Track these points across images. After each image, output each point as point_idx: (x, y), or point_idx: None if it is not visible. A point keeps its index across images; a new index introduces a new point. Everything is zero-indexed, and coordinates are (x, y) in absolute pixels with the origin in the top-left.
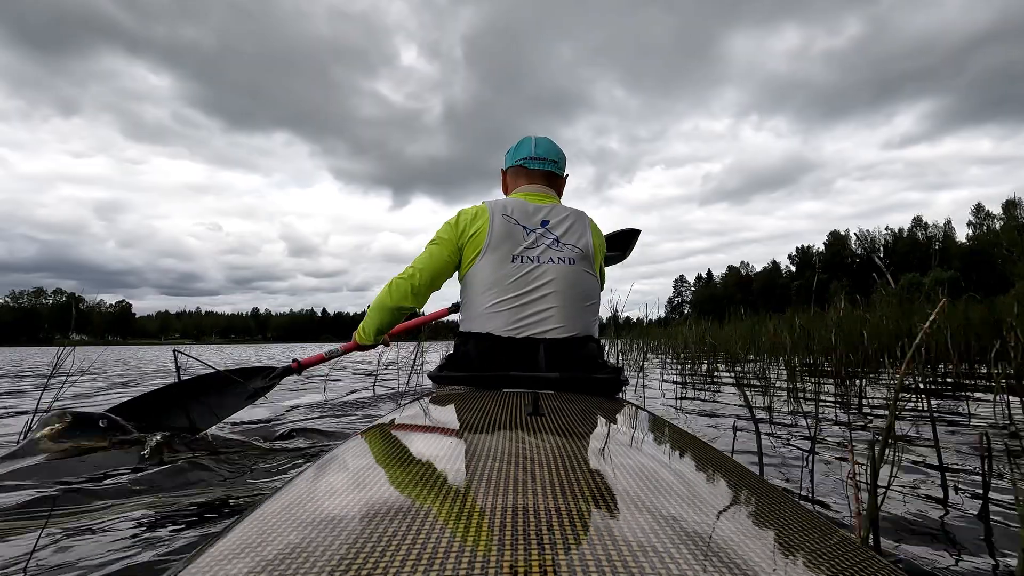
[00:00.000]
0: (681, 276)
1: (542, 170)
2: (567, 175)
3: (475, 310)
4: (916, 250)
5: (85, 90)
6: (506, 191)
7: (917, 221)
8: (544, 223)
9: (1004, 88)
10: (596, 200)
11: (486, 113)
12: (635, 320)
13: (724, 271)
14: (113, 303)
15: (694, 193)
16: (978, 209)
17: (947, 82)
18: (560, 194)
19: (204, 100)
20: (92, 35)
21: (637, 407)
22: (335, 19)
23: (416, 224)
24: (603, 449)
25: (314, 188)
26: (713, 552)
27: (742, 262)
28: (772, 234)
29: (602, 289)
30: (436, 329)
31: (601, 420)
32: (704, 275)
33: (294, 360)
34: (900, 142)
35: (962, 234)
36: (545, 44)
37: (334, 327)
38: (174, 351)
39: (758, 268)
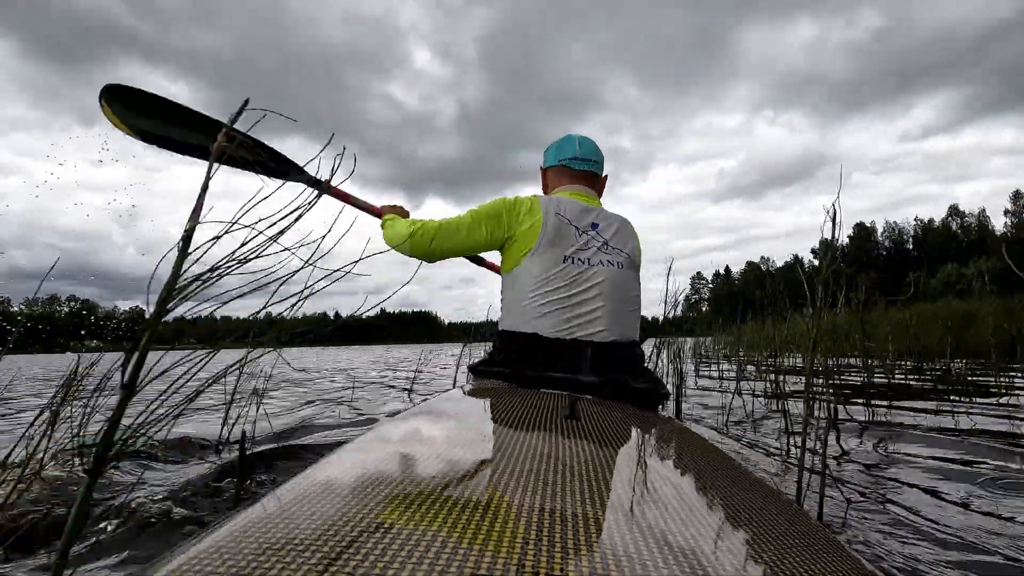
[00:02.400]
0: (698, 273)
1: (585, 171)
2: (606, 175)
3: (521, 309)
4: (951, 240)
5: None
6: (546, 190)
7: (953, 210)
8: (595, 225)
9: None
10: (610, 199)
11: (499, 114)
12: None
13: (742, 267)
14: (126, 309)
15: (707, 190)
16: (1016, 196)
17: (967, 72)
18: (600, 195)
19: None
20: (111, 46)
21: (677, 422)
22: (349, 23)
23: None
24: (637, 461)
25: None
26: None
27: (762, 257)
28: (786, 230)
29: None
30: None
31: (639, 431)
32: (722, 271)
33: (327, 181)
34: (919, 134)
35: (999, 223)
36: (559, 43)
37: (347, 330)
38: None
39: (779, 263)
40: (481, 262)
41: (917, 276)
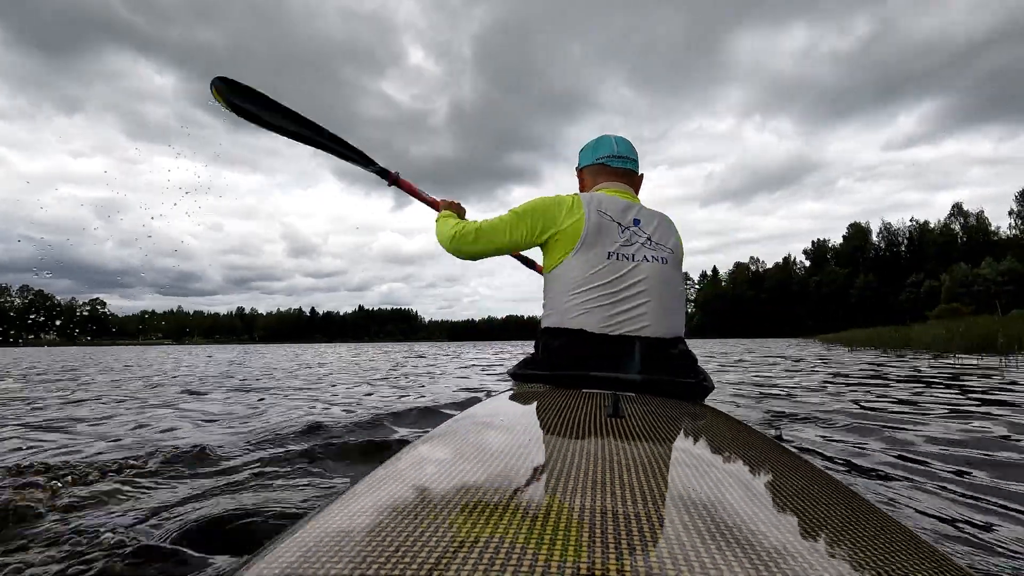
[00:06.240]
0: (685, 273)
1: (624, 168)
2: (642, 174)
3: (565, 306)
4: (952, 242)
5: (89, 89)
6: (584, 190)
7: (957, 209)
8: (636, 221)
9: (1006, 88)
10: None
11: (493, 113)
12: None
13: (731, 268)
14: (85, 301)
15: (696, 193)
16: (1023, 196)
17: (950, 84)
18: (637, 192)
19: (208, 99)
20: (100, 36)
21: (722, 414)
22: (345, 19)
23: (417, 224)
24: (684, 455)
25: (316, 188)
26: (796, 570)
27: (751, 258)
28: (772, 234)
29: None
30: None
31: (684, 425)
32: (709, 272)
33: (396, 172)
34: (902, 143)
35: (1004, 224)
36: (554, 43)
37: (325, 327)
38: None
39: (769, 264)
40: (524, 260)
41: (922, 278)
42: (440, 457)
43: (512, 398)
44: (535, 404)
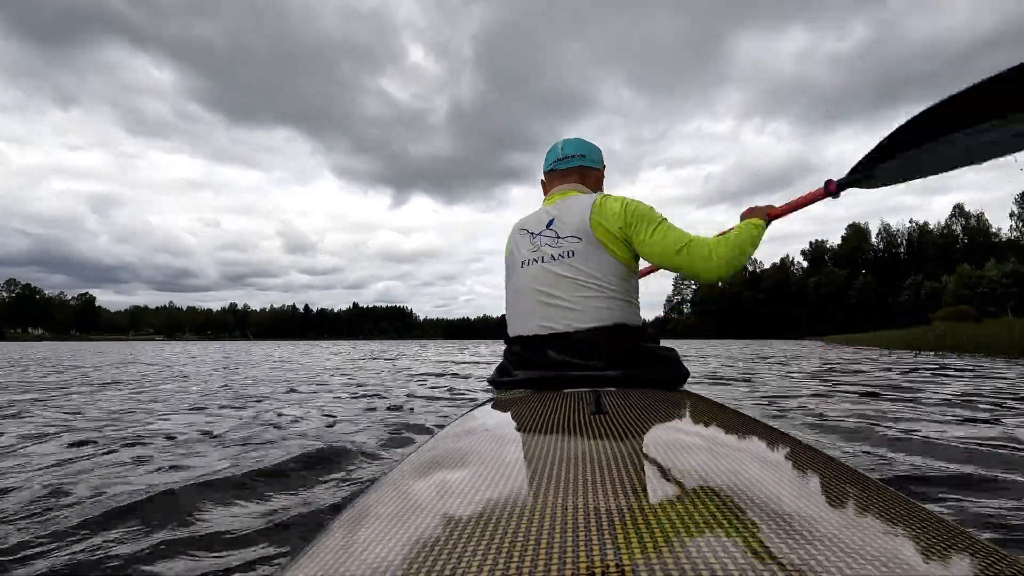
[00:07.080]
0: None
1: (573, 167)
2: (603, 166)
3: (509, 317)
4: (953, 245)
5: (84, 82)
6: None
7: (959, 209)
8: (550, 223)
9: None
10: None
11: (492, 112)
12: None
13: None
14: (75, 296)
15: (694, 194)
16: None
17: (948, 87)
18: (597, 184)
19: (207, 95)
20: (96, 29)
21: (702, 398)
22: (345, 17)
23: (415, 223)
24: (670, 445)
25: (314, 185)
26: (791, 549)
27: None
28: (771, 236)
29: (665, 258)
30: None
31: (667, 415)
32: None
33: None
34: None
35: (1003, 228)
36: (554, 43)
37: (319, 324)
38: None
39: (766, 264)
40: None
41: (920, 279)
42: (434, 472)
43: (495, 406)
44: (520, 410)
